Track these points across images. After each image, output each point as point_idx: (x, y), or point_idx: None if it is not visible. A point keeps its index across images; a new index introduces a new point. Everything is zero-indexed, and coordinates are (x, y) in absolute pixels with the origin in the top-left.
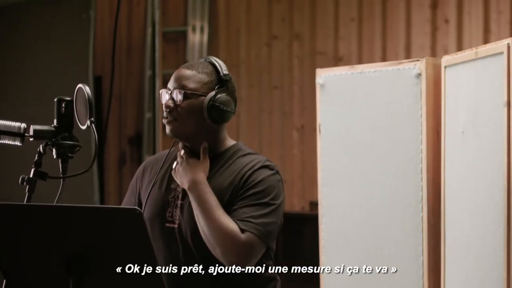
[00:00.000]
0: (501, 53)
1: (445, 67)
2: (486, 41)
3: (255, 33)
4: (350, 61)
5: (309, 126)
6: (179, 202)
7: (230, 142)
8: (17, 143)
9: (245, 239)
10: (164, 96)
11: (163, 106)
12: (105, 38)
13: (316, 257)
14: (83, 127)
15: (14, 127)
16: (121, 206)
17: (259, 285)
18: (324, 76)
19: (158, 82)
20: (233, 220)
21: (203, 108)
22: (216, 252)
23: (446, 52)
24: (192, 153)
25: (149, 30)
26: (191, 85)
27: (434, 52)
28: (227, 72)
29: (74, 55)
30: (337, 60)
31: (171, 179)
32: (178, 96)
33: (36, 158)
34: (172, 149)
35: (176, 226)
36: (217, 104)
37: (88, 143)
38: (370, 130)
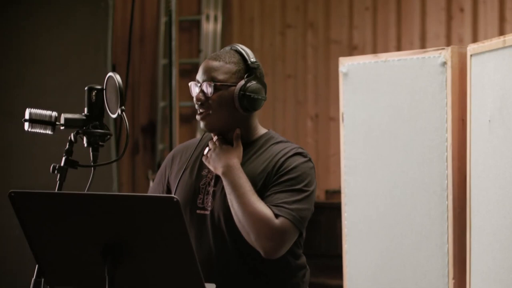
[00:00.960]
0: None
1: (471, 55)
2: (501, 29)
3: (269, 22)
4: (364, 50)
5: (323, 114)
6: (211, 189)
7: (262, 130)
8: (48, 131)
9: (279, 224)
10: (194, 89)
11: (194, 99)
12: (118, 27)
13: (333, 245)
14: (114, 116)
15: (46, 115)
16: (158, 195)
17: (291, 273)
18: (347, 64)
19: (174, 71)
20: (267, 205)
21: (234, 98)
22: (250, 237)
23: (461, 41)
24: (225, 141)
25: (163, 19)
26: (220, 76)
27: (449, 41)
28: (254, 60)
29: (92, 43)
30: (351, 49)
31: (202, 166)
32: (208, 89)
33: (67, 146)
34: (204, 135)
35: (208, 212)
36: (247, 93)
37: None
38: (394, 119)
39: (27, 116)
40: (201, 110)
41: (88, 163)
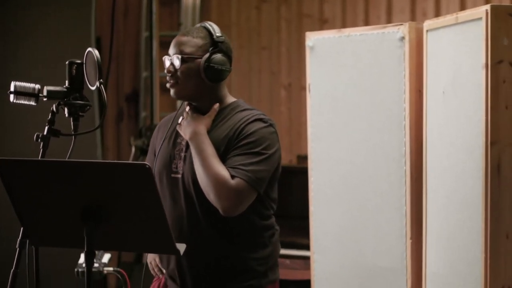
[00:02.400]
0: (480, 18)
1: (427, 31)
2: (462, 4)
3: None
4: (334, 24)
5: (296, 84)
6: (183, 154)
7: (230, 99)
8: (32, 103)
9: (235, 185)
10: (166, 63)
11: (165, 71)
12: (102, 1)
13: (304, 207)
14: (93, 88)
15: (29, 88)
16: (132, 162)
17: (257, 233)
18: (313, 39)
19: (155, 43)
20: (226, 167)
21: (200, 69)
22: (210, 197)
23: (424, 14)
24: (197, 109)
25: None
26: (188, 49)
27: (414, 15)
28: (220, 35)
29: (78, 17)
30: (322, 22)
31: (178, 135)
32: (176, 61)
33: (49, 116)
34: (181, 106)
35: (180, 176)
36: (212, 64)
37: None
38: (356, 89)
39: (12, 89)
40: (171, 81)
41: (69, 132)
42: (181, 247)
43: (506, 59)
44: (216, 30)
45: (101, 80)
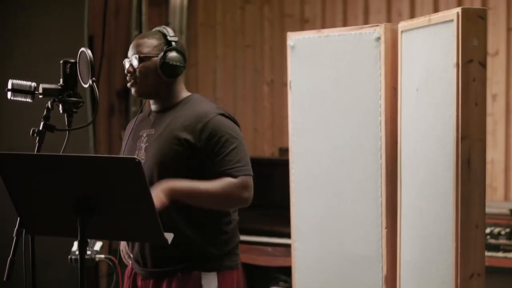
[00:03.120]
0: (452, 20)
1: (401, 32)
2: (435, 6)
3: None
4: (315, 23)
5: (278, 81)
6: (143, 144)
7: (185, 93)
8: (28, 99)
9: (240, 182)
10: (126, 64)
11: (125, 72)
12: (95, 2)
13: (285, 197)
14: (86, 86)
15: (26, 85)
16: (122, 156)
17: (216, 220)
18: (294, 39)
19: None
20: (223, 171)
21: (157, 67)
22: (229, 208)
23: (400, 15)
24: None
25: None
26: (144, 50)
27: (389, 15)
28: (173, 35)
29: (71, 17)
30: (303, 22)
31: (139, 129)
32: (134, 61)
33: (45, 113)
34: (144, 111)
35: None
36: (167, 61)
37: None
38: (335, 87)
39: (9, 86)
40: (131, 80)
41: (64, 127)
42: (169, 236)
43: (476, 58)
44: (170, 32)
45: (94, 78)
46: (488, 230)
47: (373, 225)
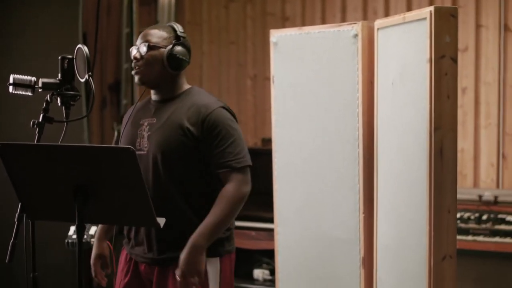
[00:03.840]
0: (425, 18)
1: (377, 29)
2: (409, 5)
3: None
4: (295, 21)
5: (260, 75)
6: (145, 133)
7: (187, 86)
8: (29, 93)
9: (242, 173)
10: (133, 51)
11: (132, 57)
12: (89, 1)
13: (268, 184)
14: (82, 80)
15: (26, 80)
16: (117, 145)
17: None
18: (277, 35)
19: (135, 39)
20: (224, 163)
21: (164, 58)
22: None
23: (375, 13)
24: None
25: None
26: (154, 39)
27: (366, 13)
28: (182, 31)
29: (66, 15)
30: (284, 20)
31: (139, 117)
32: (143, 48)
33: (44, 105)
34: (143, 99)
35: (145, 153)
36: (174, 53)
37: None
38: (315, 81)
39: (11, 81)
40: (136, 67)
41: (62, 119)
42: (161, 220)
43: (448, 54)
44: (180, 28)
45: (90, 73)
46: (458, 215)
47: (351, 210)
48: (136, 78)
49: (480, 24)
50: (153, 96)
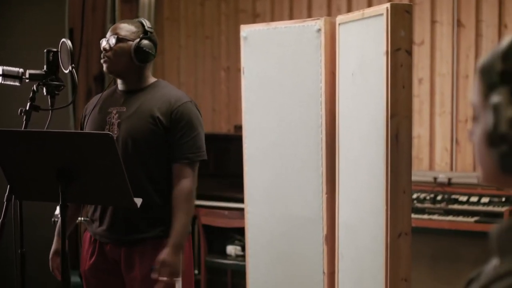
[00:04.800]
0: (382, 14)
1: (339, 24)
2: (369, 1)
3: None
4: (265, 17)
5: (233, 67)
6: (115, 120)
7: (152, 79)
8: (17, 83)
9: (195, 169)
10: (103, 43)
11: (102, 49)
12: None
13: (239, 167)
14: (66, 71)
15: (14, 71)
16: (97, 132)
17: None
18: (247, 30)
19: None
20: (184, 155)
21: (131, 50)
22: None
23: (338, 10)
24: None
25: None
26: (123, 32)
27: (330, 10)
28: (150, 26)
29: (53, 12)
30: (255, 17)
31: (106, 106)
32: (112, 40)
33: (31, 95)
34: (109, 89)
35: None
36: (141, 46)
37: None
38: (282, 72)
39: (0, 72)
40: (104, 57)
41: (47, 107)
42: (138, 201)
43: (403, 47)
44: (148, 24)
45: (73, 65)
46: (415, 196)
47: (315, 191)
48: (104, 67)
49: (435, 20)
50: (120, 85)
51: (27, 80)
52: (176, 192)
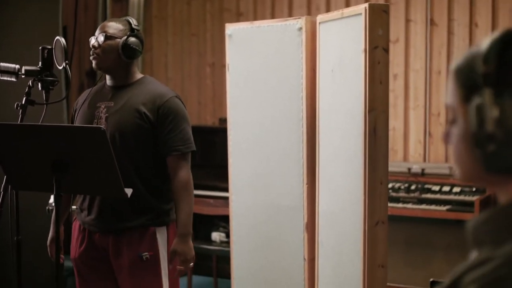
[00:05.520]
0: (360, 13)
1: (319, 23)
2: (347, 1)
3: None
4: (248, 16)
5: (218, 63)
6: (103, 115)
7: (139, 75)
8: (13, 79)
9: (185, 159)
10: (92, 40)
11: (91, 46)
12: None
13: (224, 158)
14: (60, 67)
15: (11, 67)
16: (90, 125)
17: (163, 180)
18: (231, 29)
19: None
20: (175, 147)
21: (119, 47)
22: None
23: (318, 9)
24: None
25: None
26: (110, 30)
27: (309, 9)
28: (137, 24)
29: (47, 11)
30: (238, 15)
31: (95, 101)
32: (100, 38)
33: (26, 90)
34: (97, 85)
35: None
36: (128, 43)
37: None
38: (265, 68)
39: None
40: (94, 54)
41: (42, 102)
42: (128, 191)
43: (380, 45)
44: (135, 22)
45: (67, 61)
46: (390, 186)
47: (296, 181)
48: (94, 64)
49: (409, 19)
50: (108, 81)
51: (23, 76)
52: (174, 184)
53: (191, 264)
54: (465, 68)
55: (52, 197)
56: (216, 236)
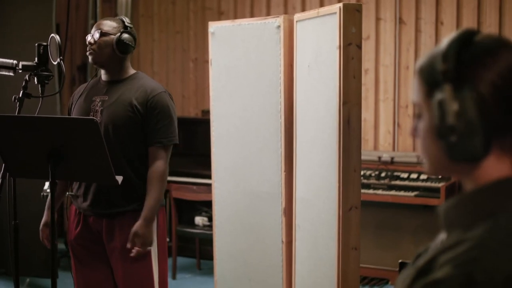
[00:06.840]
0: (335, 13)
1: (296, 21)
2: (322, 1)
3: None
4: (229, 14)
5: (200, 58)
6: (99, 108)
7: (132, 70)
8: (11, 74)
9: (167, 152)
10: (88, 37)
11: (87, 43)
12: None
13: (207, 147)
14: (54, 63)
15: (9, 62)
16: (83, 117)
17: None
18: (214, 26)
19: None
20: (158, 139)
21: (113, 43)
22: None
23: (294, 8)
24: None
25: None
26: (105, 28)
27: (286, 8)
28: (129, 22)
29: (42, 10)
30: (220, 14)
31: (91, 95)
32: (96, 35)
33: (23, 83)
34: (94, 79)
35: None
36: (122, 39)
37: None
38: (245, 64)
39: None
40: (90, 50)
41: (38, 95)
42: (119, 178)
43: (354, 42)
44: (127, 20)
45: (61, 57)
46: (362, 173)
47: (274, 169)
48: (90, 59)
49: (380, 17)
50: (103, 76)
51: (20, 71)
52: (150, 172)
53: (149, 248)
54: (427, 67)
55: (46, 183)
56: (199, 220)
